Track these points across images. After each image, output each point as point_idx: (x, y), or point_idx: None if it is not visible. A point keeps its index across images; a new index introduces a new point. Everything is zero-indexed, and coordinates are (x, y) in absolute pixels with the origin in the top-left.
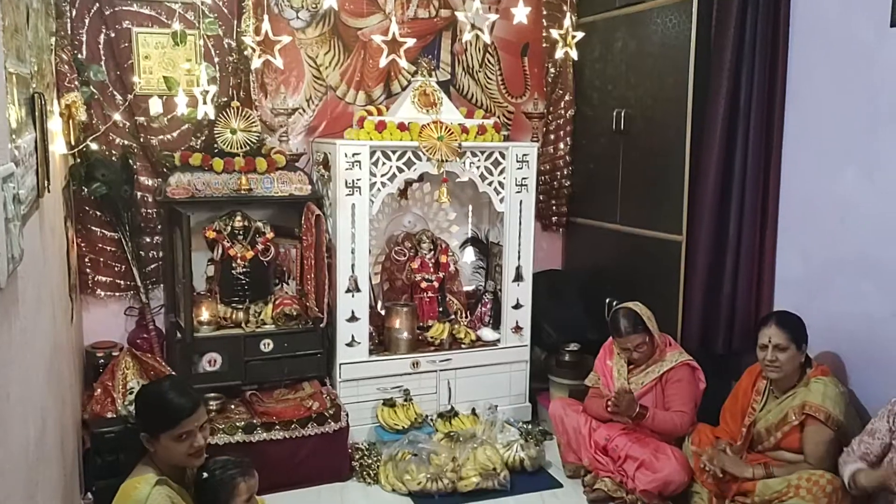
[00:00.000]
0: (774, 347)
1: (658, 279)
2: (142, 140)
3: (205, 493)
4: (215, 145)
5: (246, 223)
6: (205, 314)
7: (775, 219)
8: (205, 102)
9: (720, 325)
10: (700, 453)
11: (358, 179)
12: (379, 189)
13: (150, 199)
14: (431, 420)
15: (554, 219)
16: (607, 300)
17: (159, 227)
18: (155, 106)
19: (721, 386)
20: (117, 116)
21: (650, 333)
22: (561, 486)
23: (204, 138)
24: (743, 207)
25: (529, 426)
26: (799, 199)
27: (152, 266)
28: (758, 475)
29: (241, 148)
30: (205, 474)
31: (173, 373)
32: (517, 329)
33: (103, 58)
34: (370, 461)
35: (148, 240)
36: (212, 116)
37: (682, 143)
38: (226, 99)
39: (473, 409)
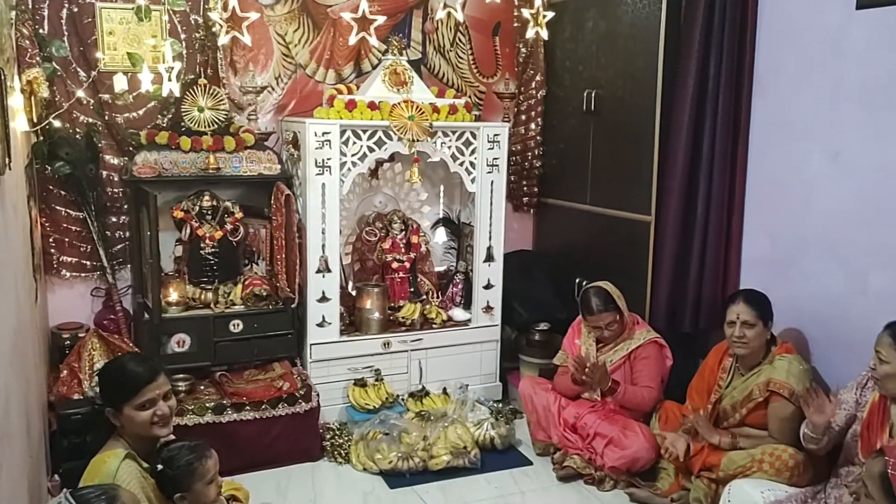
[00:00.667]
0: (742, 324)
1: (627, 259)
2: (106, 118)
3: (164, 484)
4: (182, 123)
5: (214, 203)
6: (173, 295)
7: (742, 200)
8: (170, 79)
9: (687, 304)
10: (664, 436)
11: (328, 159)
12: (349, 169)
13: (115, 179)
14: (402, 399)
15: (525, 199)
16: (577, 280)
17: (125, 206)
18: (119, 83)
19: (688, 364)
20: (81, 93)
21: (620, 312)
22: (531, 463)
23: (171, 116)
24: (711, 188)
25: (500, 405)
26: (765, 180)
27: (119, 246)
28: (724, 443)
29: (209, 126)
30: (159, 466)
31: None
32: (488, 309)
33: (66, 33)
34: (341, 441)
35: (114, 219)
36: (177, 94)
37: (651, 125)
38: (193, 76)
39: (444, 389)
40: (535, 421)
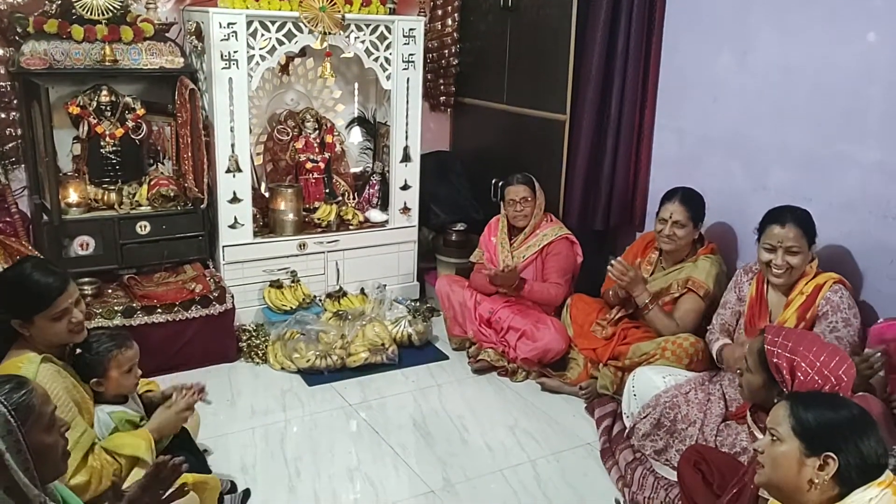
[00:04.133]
0: (674, 224)
1: (542, 159)
2: None
3: (81, 369)
4: (73, 11)
5: (113, 98)
6: (73, 195)
7: (654, 98)
8: None
9: (600, 202)
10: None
11: (234, 52)
12: (258, 63)
13: (1, 71)
14: (320, 300)
15: (442, 98)
16: (493, 181)
17: (15, 101)
18: None
19: (598, 260)
20: None
21: (536, 199)
22: (447, 358)
23: (60, 3)
24: (624, 86)
25: (417, 303)
26: (676, 78)
27: (10, 144)
28: (640, 299)
29: (103, 14)
30: (78, 350)
31: (41, 256)
32: (405, 210)
33: None
34: (258, 342)
35: (3, 115)
36: None
37: (567, 22)
38: None
39: (362, 289)
40: (452, 317)
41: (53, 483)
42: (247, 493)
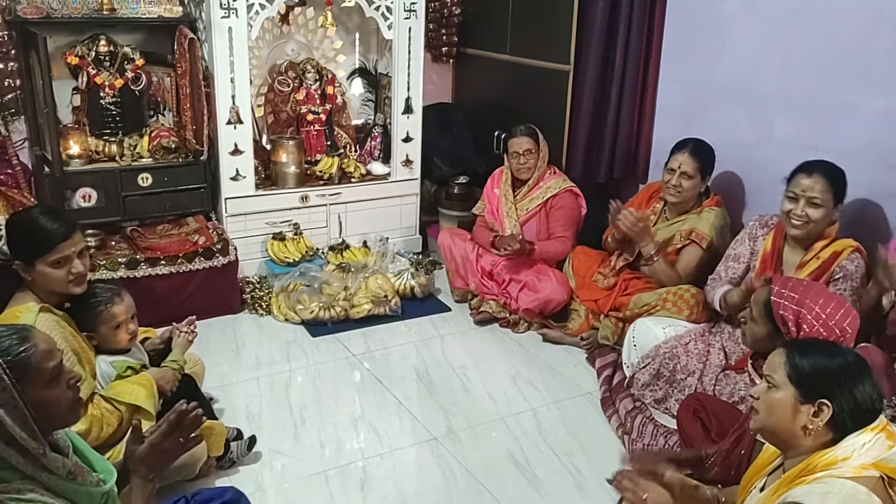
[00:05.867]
0: (681, 174)
1: (546, 110)
2: None
3: (75, 321)
4: None
5: (112, 48)
6: (74, 147)
7: (659, 47)
8: None
9: (603, 154)
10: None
11: (234, 0)
12: (257, 12)
13: None
14: (322, 253)
15: (444, 49)
16: (496, 133)
17: (13, 51)
18: None
19: (601, 212)
20: None
21: (539, 151)
22: (449, 309)
23: None
24: (629, 36)
25: (419, 256)
26: (682, 26)
27: (10, 95)
28: (646, 250)
29: None
30: (67, 304)
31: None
32: (407, 163)
33: None
34: (261, 294)
35: (1, 66)
36: None
37: None
38: None
39: (364, 242)
40: (454, 269)
41: (64, 430)
42: (252, 439)
